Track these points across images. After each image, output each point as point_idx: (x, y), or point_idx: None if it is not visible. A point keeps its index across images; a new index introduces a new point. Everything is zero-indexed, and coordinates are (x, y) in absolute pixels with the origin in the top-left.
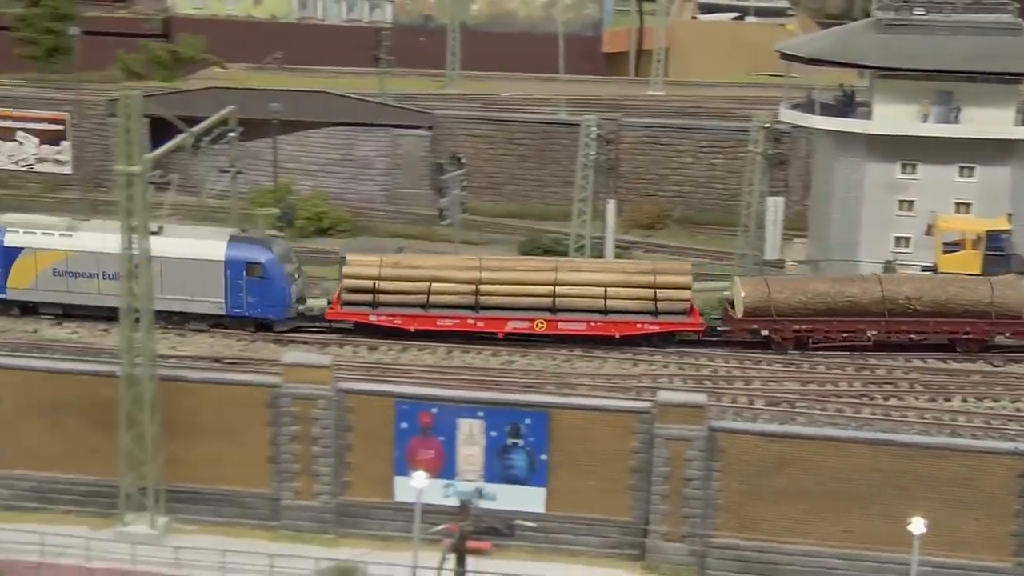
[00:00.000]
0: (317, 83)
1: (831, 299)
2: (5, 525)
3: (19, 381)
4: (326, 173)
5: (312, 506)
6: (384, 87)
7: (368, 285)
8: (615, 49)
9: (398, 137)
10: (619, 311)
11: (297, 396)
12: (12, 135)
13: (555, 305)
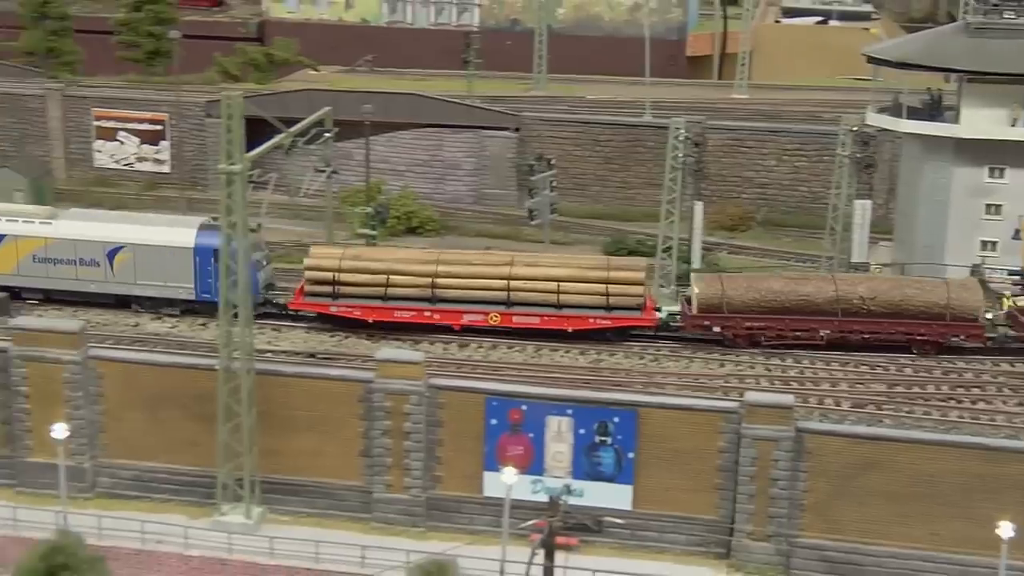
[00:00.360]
0: (406, 85)
1: (785, 297)
2: (107, 512)
3: (122, 373)
4: (415, 173)
5: (403, 499)
6: (472, 89)
7: (329, 277)
8: (699, 53)
9: (485, 138)
10: (572, 305)
11: (390, 391)
12: (114, 135)
13: (509, 299)
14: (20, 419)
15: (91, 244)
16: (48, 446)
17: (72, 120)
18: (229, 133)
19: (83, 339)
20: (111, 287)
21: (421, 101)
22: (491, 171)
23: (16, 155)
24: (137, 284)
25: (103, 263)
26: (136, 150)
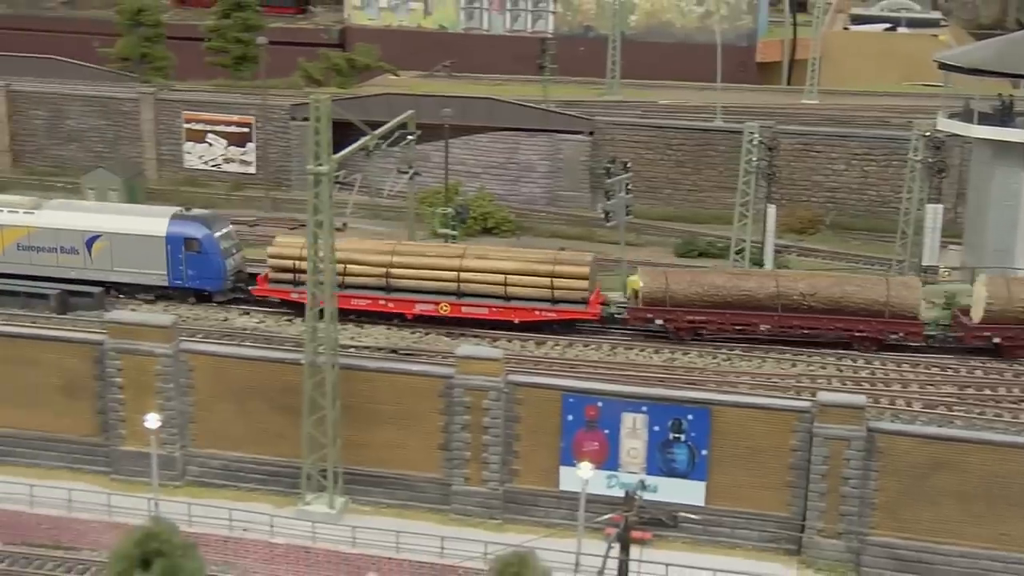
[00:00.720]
0: (482, 90)
1: (726, 292)
2: (196, 500)
3: (212, 366)
4: (490, 175)
5: (481, 492)
6: (547, 94)
7: (290, 265)
8: (768, 59)
9: (560, 142)
10: (519, 298)
11: (469, 387)
12: (203, 137)
13: (460, 290)
14: (114, 409)
15: (71, 233)
16: (141, 435)
17: (163, 123)
18: (317, 135)
19: (175, 333)
20: (89, 273)
21: (497, 105)
22: (565, 174)
23: (111, 156)
24: (114, 271)
25: (82, 251)
26: (223, 152)
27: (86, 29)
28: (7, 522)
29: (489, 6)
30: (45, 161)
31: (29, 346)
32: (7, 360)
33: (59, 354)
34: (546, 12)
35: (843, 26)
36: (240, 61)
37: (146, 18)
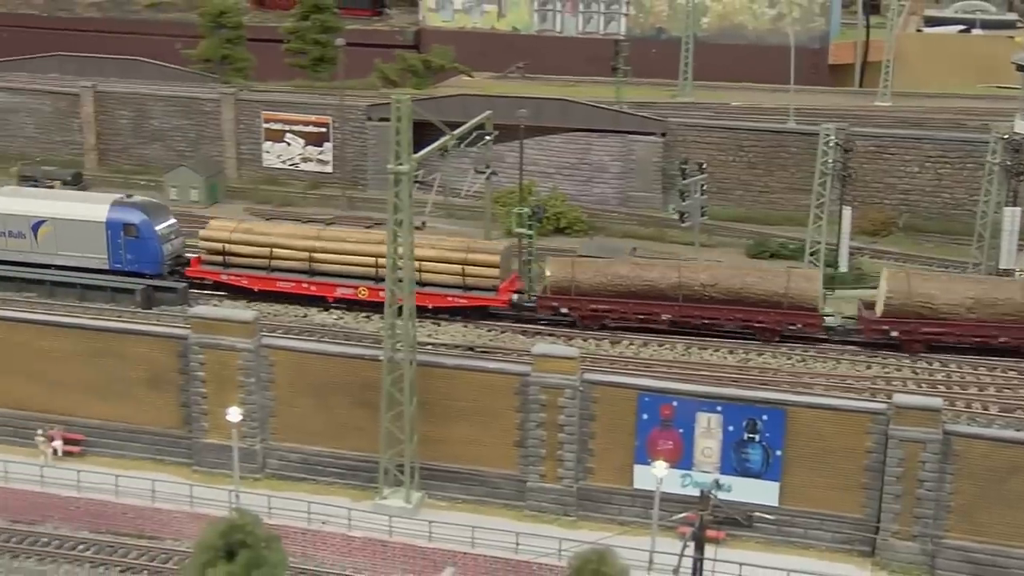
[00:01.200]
0: (555, 91)
1: (630, 282)
2: (276, 493)
3: (292, 361)
4: (563, 176)
5: (556, 489)
6: (620, 95)
7: (220, 248)
8: (840, 61)
9: (632, 143)
10: (433, 284)
11: (545, 385)
12: (281, 137)
13: (377, 275)
14: (197, 402)
15: (18, 218)
16: (222, 428)
17: (243, 123)
18: (397, 135)
19: (256, 328)
20: (35, 256)
21: (571, 106)
22: (637, 174)
23: (192, 155)
24: (58, 254)
25: (28, 235)
26: (301, 151)
27: (169, 31)
28: (94, 511)
29: (562, 8)
30: (130, 159)
31: (116, 340)
32: (95, 353)
33: (145, 348)
34: (618, 14)
35: (916, 28)
36: (318, 62)
37: (227, 20)
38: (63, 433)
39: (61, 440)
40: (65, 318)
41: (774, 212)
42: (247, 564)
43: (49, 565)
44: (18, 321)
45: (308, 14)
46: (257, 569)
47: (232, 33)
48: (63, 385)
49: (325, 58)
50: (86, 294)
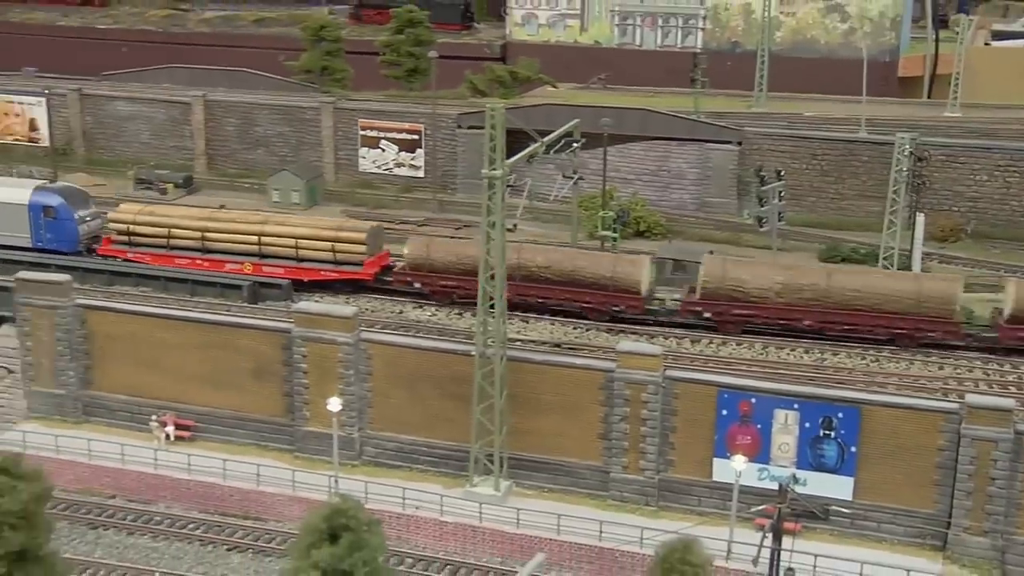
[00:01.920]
0: (635, 101)
1: (475, 261)
2: (372, 479)
3: (388, 355)
4: (643, 182)
5: (638, 480)
6: (698, 106)
7: (126, 228)
8: (909, 74)
9: (709, 151)
10: (308, 260)
11: (629, 381)
12: (376, 143)
13: (261, 252)
14: (299, 392)
15: None
16: (323, 417)
17: (341, 130)
18: (492, 141)
19: (356, 323)
20: None
21: (650, 116)
22: (714, 181)
23: (294, 160)
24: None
25: None
26: (395, 157)
27: (273, 45)
28: (203, 493)
29: (641, 23)
30: (236, 164)
31: (225, 333)
32: (205, 345)
33: (251, 340)
34: (695, 29)
35: (984, 42)
36: (412, 73)
37: (327, 34)
38: (175, 419)
39: (173, 425)
40: (179, 311)
41: (845, 218)
42: (349, 546)
43: (161, 542)
44: (136, 314)
45: (403, 28)
46: (359, 551)
47: (331, 46)
48: (176, 374)
49: (418, 69)
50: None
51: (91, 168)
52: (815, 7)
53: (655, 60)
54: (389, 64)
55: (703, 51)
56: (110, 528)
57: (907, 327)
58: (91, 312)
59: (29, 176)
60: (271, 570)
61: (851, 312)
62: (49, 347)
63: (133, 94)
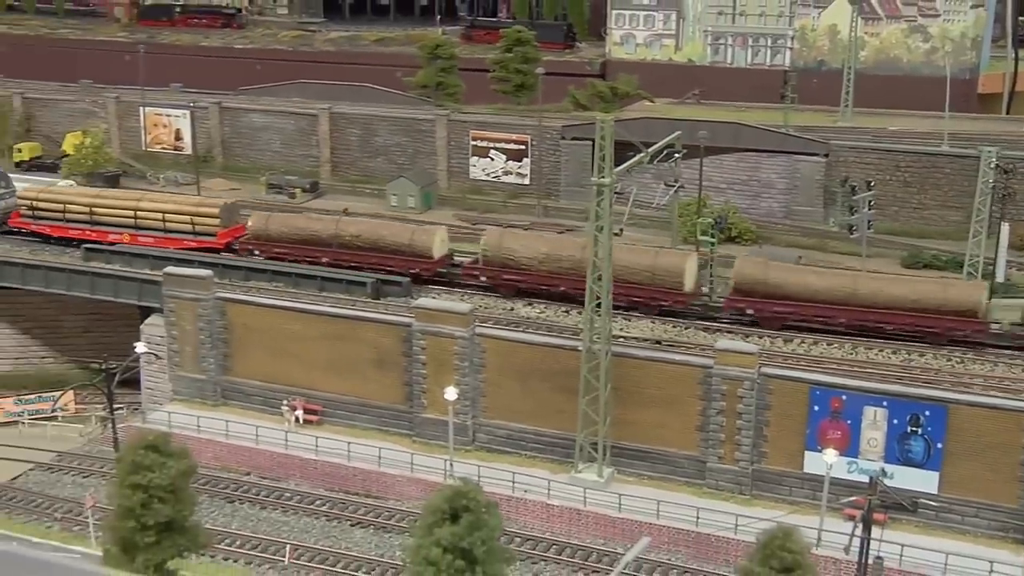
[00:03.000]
0: (727, 116)
1: (301, 231)
2: (484, 463)
3: (501, 348)
4: (734, 191)
5: (733, 470)
6: (787, 120)
7: (31, 204)
8: (989, 91)
9: (797, 162)
10: (173, 231)
11: (727, 377)
12: (486, 152)
13: (136, 224)
14: (418, 382)
15: None
16: (439, 405)
17: (454, 140)
18: (601, 151)
19: (471, 319)
20: None
21: (742, 129)
22: (801, 191)
23: (410, 168)
24: None
25: None
26: (503, 165)
27: (392, 62)
28: (329, 472)
29: (733, 43)
30: (357, 171)
31: (351, 325)
32: (332, 336)
33: (374, 333)
34: (784, 48)
35: None
36: (519, 88)
37: (442, 52)
38: (304, 403)
39: (302, 410)
40: (309, 305)
41: (927, 227)
42: (469, 526)
43: (291, 516)
44: (271, 307)
45: (511, 47)
46: (478, 531)
47: (446, 63)
48: (305, 362)
49: (525, 85)
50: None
51: (228, 174)
52: (898, 28)
53: (745, 77)
54: (499, 80)
55: (791, 69)
56: (245, 502)
57: (643, 296)
58: (230, 304)
59: (175, 181)
60: (391, 545)
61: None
62: (192, 336)
63: (266, 107)
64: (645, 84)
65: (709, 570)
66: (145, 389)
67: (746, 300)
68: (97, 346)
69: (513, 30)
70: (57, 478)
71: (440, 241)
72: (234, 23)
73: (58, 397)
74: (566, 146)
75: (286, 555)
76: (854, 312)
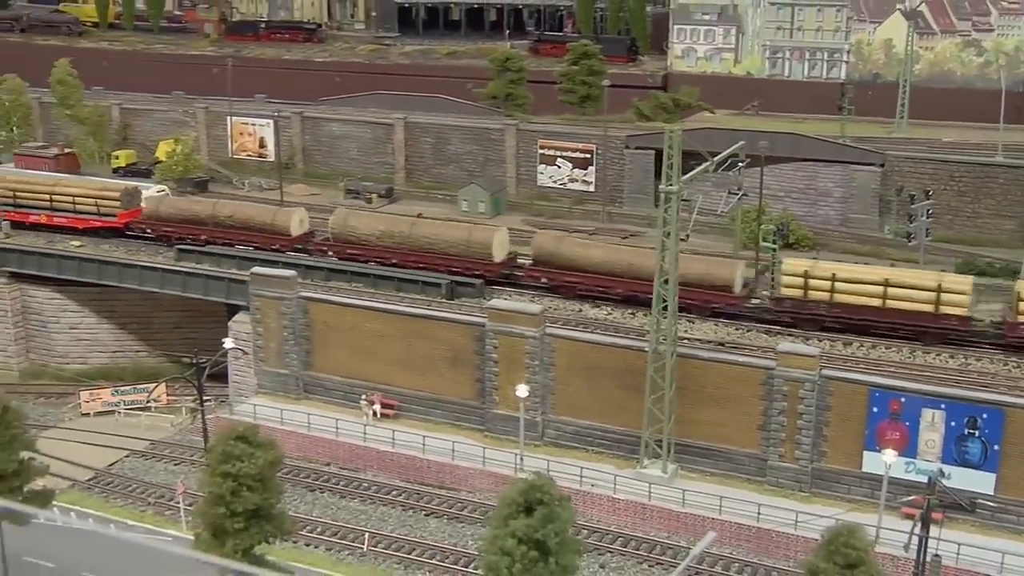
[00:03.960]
0: (784, 126)
1: (184, 213)
2: (553, 458)
3: (569, 348)
4: (791, 199)
5: (793, 468)
6: (843, 131)
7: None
8: None
9: (853, 172)
10: (81, 212)
11: (788, 378)
12: (553, 160)
13: (52, 206)
14: (490, 379)
15: None
16: (510, 401)
17: (523, 149)
18: (669, 160)
19: (542, 320)
20: None
21: (800, 140)
22: (857, 199)
23: (481, 175)
24: None
25: None
26: (569, 173)
27: (463, 74)
28: (405, 464)
29: (790, 56)
30: (430, 178)
31: (426, 325)
32: (409, 334)
33: (448, 332)
34: (840, 62)
35: None
36: (585, 99)
37: (511, 65)
38: (382, 399)
39: (380, 404)
40: (387, 305)
41: (981, 235)
42: (543, 518)
43: (369, 505)
44: (350, 306)
45: (577, 60)
46: (551, 523)
47: (515, 75)
48: (382, 359)
49: (591, 96)
50: None
51: (308, 179)
52: (952, 42)
53: (802, 90)
54: (565, 91)
55: (847, 82)
56: (325, 491)
57: (460, 267)
58: (312, 303)
59: (259, 187)
60: (463, 534)
61: (423, 253)
62: (276, 333)
63: (345, 116)
64: (705, 96)
65: (770, 564)
66: (232, 382)
67: (541, 270)
68: (187, 341)
69: (580, 44)
70: (150, 465)
71: (297, 220)
72: (314, 38)
73: (152, 389)
74: (630, 155)
75: (365, 542)
76: (630, 284)
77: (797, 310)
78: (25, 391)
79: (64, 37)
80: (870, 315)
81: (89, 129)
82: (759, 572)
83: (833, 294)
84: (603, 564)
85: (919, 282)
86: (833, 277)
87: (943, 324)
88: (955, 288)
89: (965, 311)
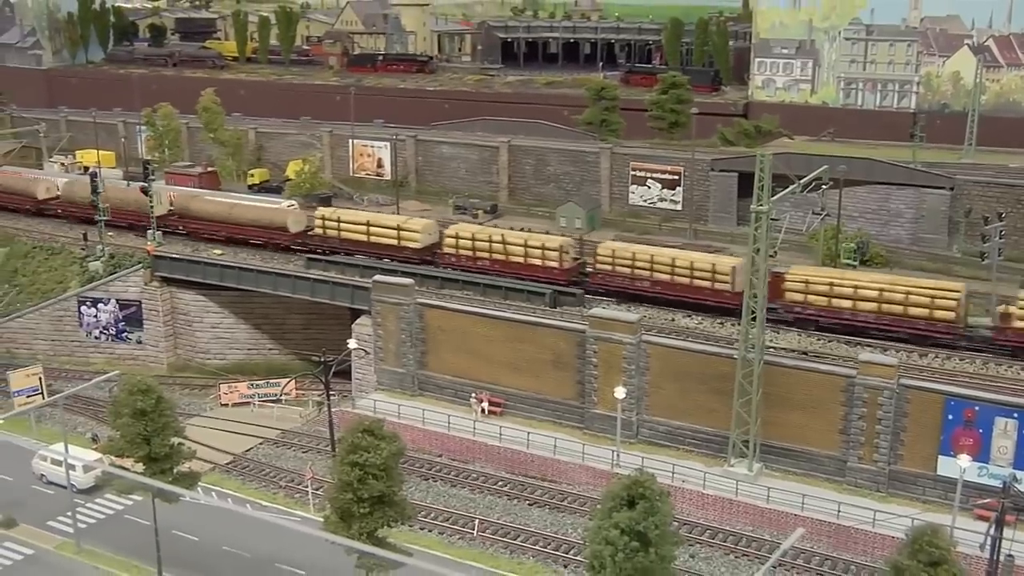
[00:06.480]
0: (858, 152)
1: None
2: (646, 455)
3: (663, 354)
4: (865, 219)
5: (871, 469)
6: (915, 156)
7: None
8: None
9: (924, 194)
10: None
11: (868, 386)
12: (644, 181)
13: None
14: (590, 381)
15: None
16: (608, 402)
17: (616, 170)
18: (760, 182)
19: (638, 327)
20: None
21: (874, 164)
22: (927, 220)
23: (577, 194)
24: None
25: None
26: (658, 193)
27: (561, 102)
28: (511, 458)
29: (863, 87)
30: (531, 196)
31: (532, 330)
32: (516, 339)
33: (552, 337)
34: (910, 92)
35: None
36: (673, 126)
37: (606, 94)
38: (489, 397)
39: (487, 402)
40: (495, 311)
41: None
42: (645, 512)
43: (477, 494)
44: (462, 312)
45: (667, 89)
46: (652, 516)
47: (609, 103)
48: (490, 361)
49: (678, 122)
50: None
51: (421, 197)
52: (1018, 75)
53: (873, 118)
54: (655, 118)
55: (917, 111)
56: (438, 480)
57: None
58: (427, 309)
59: (376, 202)
60: (564, 524)
61: (241, 227)
62: (394, 335)
63: (454, 140)
64: (783, 123)
65: (848, 559)
66: (354, 379)
67: (180, 220)
68: (313, 341)
69: (669, 75)
70: (281, 452)
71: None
72: (426, 69)
73: (283, 384)
74: (714, 177)
75: (475, 528)
76: (230, 227)
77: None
78: (172, 383)
79: (209, 70)
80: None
81: (229, 150)
82: (838, 566)
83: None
84: (692, 554)
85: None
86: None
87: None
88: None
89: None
